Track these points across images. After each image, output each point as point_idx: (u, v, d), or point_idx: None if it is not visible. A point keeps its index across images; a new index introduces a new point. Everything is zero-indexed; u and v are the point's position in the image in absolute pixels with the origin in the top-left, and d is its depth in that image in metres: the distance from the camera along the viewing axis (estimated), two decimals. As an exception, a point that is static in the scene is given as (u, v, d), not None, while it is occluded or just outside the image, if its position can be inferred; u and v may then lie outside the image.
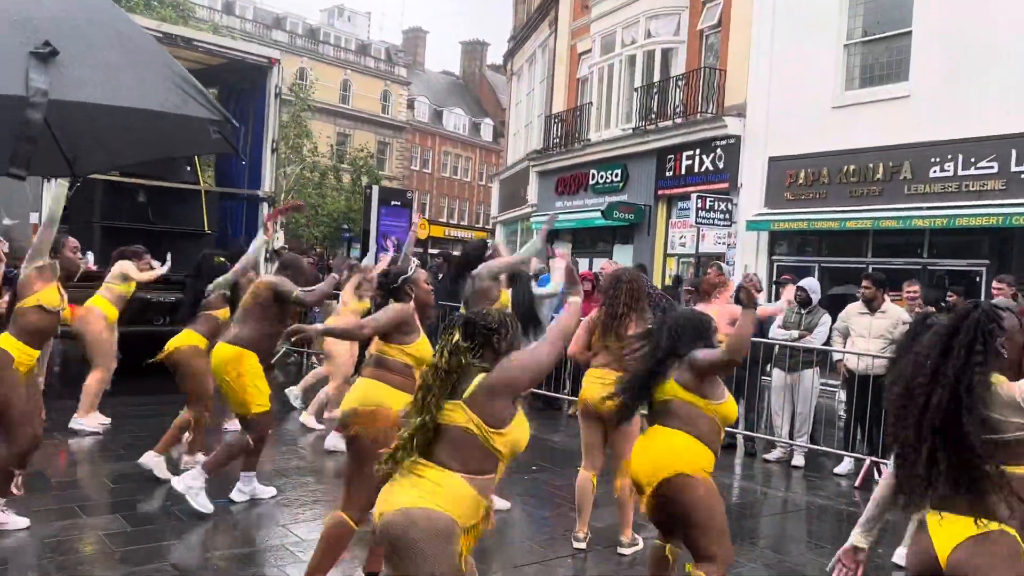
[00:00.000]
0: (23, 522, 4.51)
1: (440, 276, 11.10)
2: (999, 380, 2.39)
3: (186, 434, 5.91)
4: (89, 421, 6.90)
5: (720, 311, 6.19)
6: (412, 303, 4.08)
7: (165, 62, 2.19)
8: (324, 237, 33.08)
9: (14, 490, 4.45)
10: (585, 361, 5.07)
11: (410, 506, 2.50)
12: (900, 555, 5.14)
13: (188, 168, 10.46)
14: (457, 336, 2.66)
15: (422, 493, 2.53)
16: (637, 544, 4.90)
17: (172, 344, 5.86)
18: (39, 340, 4.55)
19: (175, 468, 5.67)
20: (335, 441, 6.54)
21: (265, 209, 10.32)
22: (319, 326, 5.72)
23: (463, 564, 2.58)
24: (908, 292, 7.82)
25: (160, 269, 7.71)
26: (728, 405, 3.60)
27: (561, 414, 9.12)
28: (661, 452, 3.45)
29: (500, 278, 5.26)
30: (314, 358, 10.81)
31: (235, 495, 5.26)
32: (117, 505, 5.23)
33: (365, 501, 3.62)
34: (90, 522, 4.80)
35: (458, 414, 2.58)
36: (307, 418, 7.66)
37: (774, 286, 13.02)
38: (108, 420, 7.03)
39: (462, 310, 4.65)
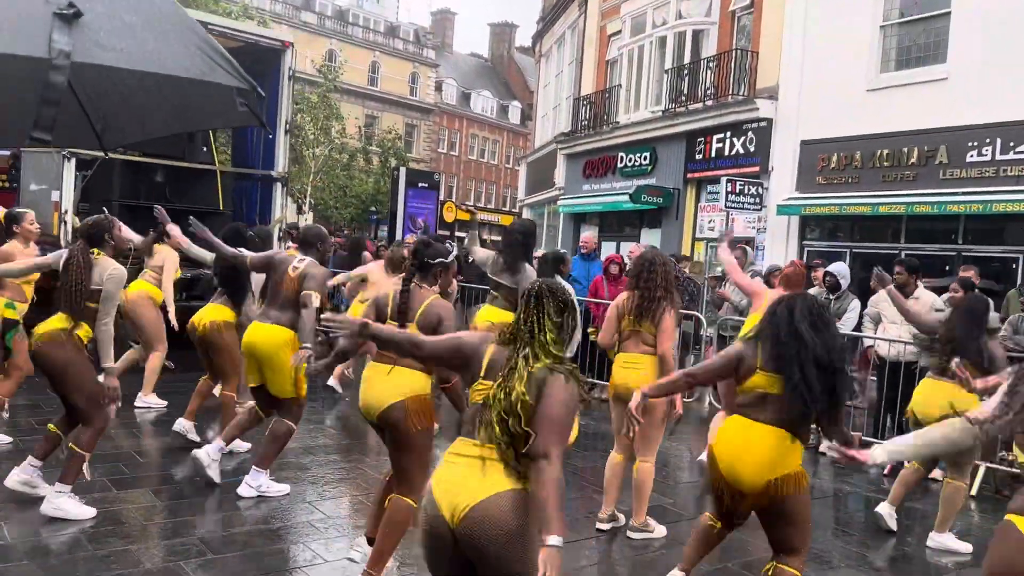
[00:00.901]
0: (89, 512, 4.48)
1: (470, 259, 11.06)
2: None
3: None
4: (152, 399, 7.06)
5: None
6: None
7: (192, 28, 2.16)
8: (352, 219, 33.22)
9: (86, 473, 4.49)
10: (611, 347, 5.03)
11: (501, 490, 2.40)
12: (936, 541, 5.09)
13: (204, 148, 10.74)
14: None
15: (500, 476, 2.43)
16: (649, 530, 4.87)
17: (203, 319, 5.89)
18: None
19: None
20: None
21: (279, 189, 10.57)
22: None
23: None
24: (962, 277, 7.66)
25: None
26: None
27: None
28: (769, 451, 3.36)
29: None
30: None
31: (243, 490, 5.01)
32: (146, 480, 5.32)
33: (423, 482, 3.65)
34: (120, 496, 4.88)
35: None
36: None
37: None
38: (164, 403, 7.11)
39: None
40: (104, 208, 6.21)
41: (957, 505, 5.04)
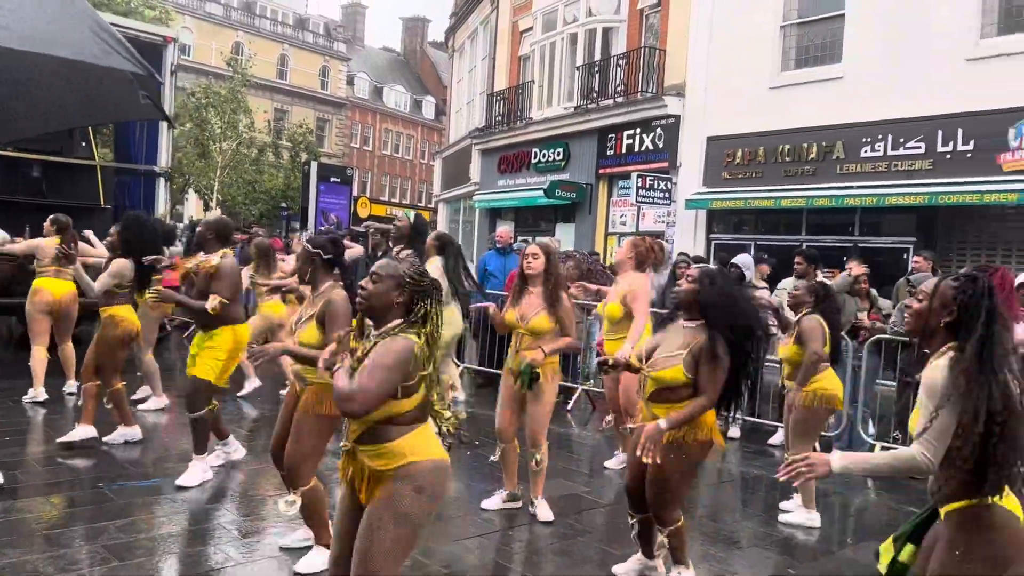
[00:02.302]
0: None
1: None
2: None
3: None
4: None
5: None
6: None
7: (85, 11, 2.08)
8: (262, 215, 32.38)
9: None
10: None
11: None
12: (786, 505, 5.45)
13: (84, 143, 10.49)
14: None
15: None
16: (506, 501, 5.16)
17: None
18: None
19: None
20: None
21: (162, 184, 10.42)
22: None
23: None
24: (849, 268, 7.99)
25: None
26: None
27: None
28: None
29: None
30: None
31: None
32: (47, 488, 5.08)
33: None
34: (18, 504, 4.66)
35: None
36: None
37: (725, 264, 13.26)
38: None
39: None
40: None
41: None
